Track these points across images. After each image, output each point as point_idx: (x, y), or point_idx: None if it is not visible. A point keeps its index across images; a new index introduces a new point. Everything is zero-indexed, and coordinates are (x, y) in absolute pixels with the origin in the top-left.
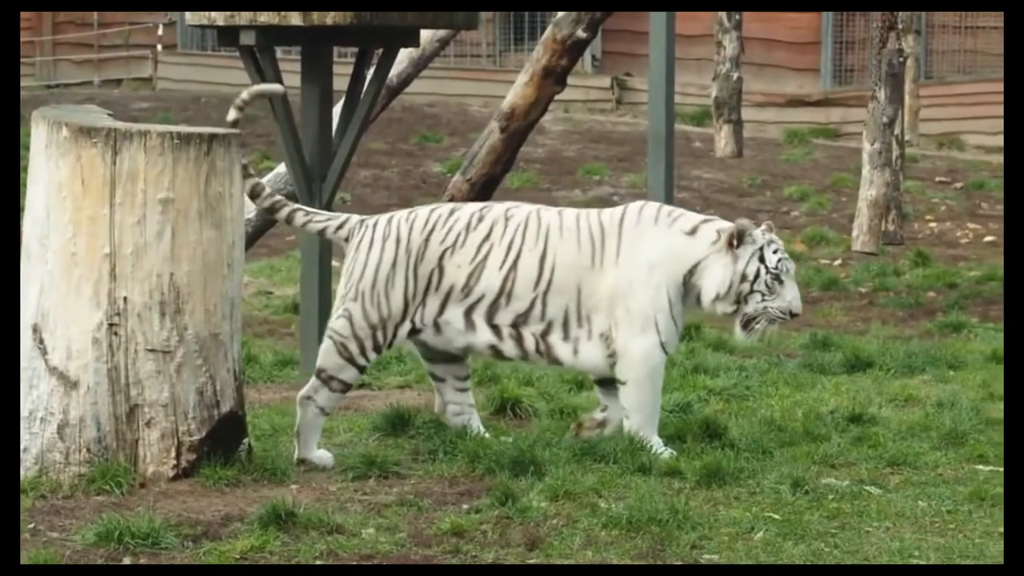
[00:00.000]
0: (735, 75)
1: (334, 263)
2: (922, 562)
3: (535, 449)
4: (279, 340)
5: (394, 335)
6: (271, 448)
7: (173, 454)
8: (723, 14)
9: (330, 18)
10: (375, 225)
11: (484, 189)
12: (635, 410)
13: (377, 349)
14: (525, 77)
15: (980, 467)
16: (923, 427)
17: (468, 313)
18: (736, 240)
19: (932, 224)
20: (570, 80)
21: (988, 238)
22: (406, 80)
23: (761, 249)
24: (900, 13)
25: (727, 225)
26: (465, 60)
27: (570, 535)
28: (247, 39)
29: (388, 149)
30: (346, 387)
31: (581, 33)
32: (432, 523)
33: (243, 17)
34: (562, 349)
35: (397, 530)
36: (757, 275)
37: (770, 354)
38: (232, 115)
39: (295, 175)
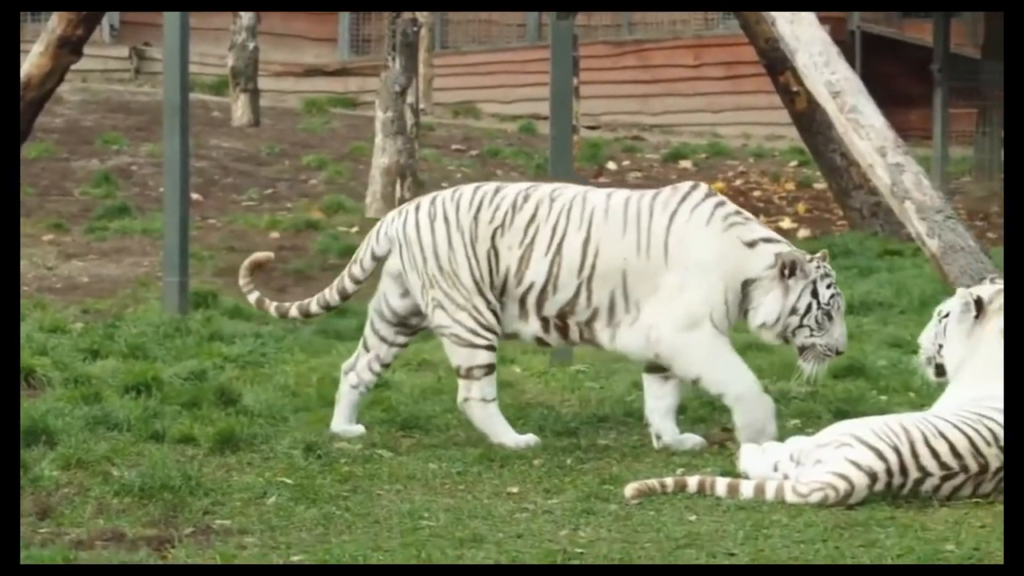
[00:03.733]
0: (252, 45)
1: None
2: (432, 523)
3: (47, 418)
4: None
5: (494, 300)
6: None
7: None
8: None
9: None
10: (417, 208)
11: None
12: (729, 393)
13: (488, 326)
14: (40, 47)
15: None
16: (436, 391)
17: (522, 302)
18: (788, 271)
19: None
20: (88, 50)
21: None
22: None
23: (814, 283)
24: None
25: (786, 250)
26: None
27: (82, 504)
28: None
29: None
30: (490, 368)
31: None
32: None
33: None
34: (603, 334)
35: None
36: (808, 309)
37: (287, 322)
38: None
39: None
